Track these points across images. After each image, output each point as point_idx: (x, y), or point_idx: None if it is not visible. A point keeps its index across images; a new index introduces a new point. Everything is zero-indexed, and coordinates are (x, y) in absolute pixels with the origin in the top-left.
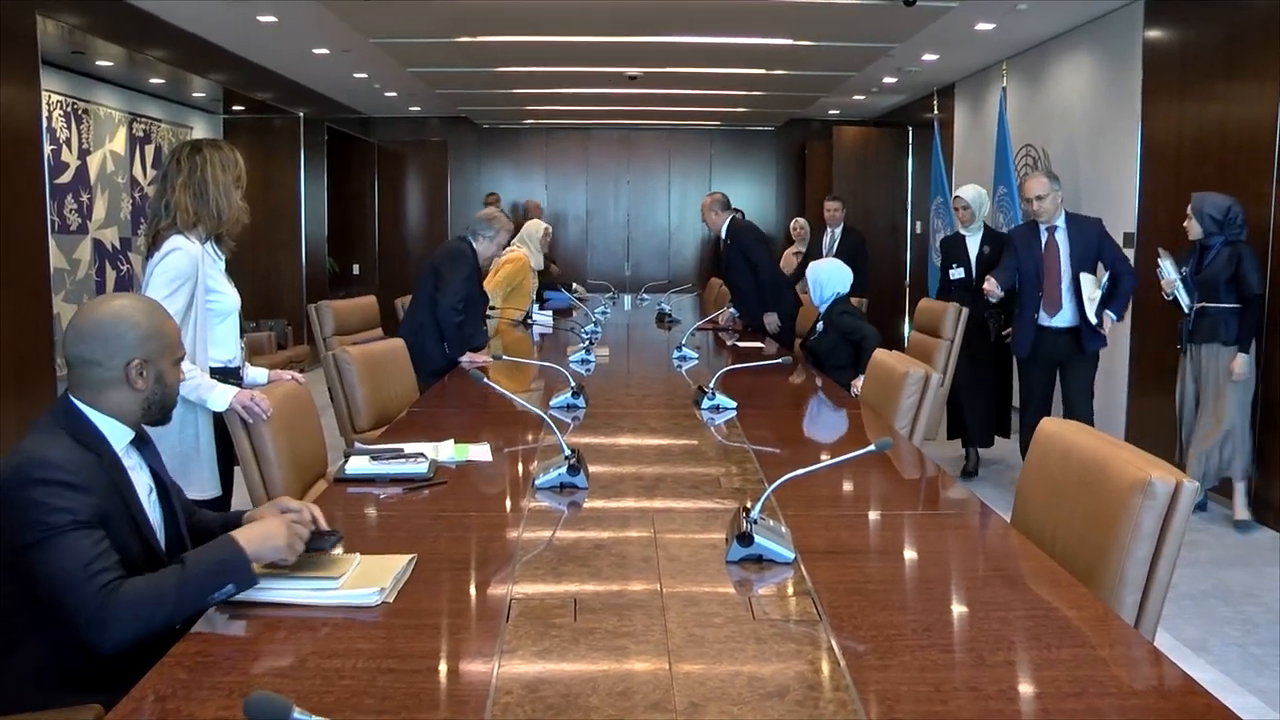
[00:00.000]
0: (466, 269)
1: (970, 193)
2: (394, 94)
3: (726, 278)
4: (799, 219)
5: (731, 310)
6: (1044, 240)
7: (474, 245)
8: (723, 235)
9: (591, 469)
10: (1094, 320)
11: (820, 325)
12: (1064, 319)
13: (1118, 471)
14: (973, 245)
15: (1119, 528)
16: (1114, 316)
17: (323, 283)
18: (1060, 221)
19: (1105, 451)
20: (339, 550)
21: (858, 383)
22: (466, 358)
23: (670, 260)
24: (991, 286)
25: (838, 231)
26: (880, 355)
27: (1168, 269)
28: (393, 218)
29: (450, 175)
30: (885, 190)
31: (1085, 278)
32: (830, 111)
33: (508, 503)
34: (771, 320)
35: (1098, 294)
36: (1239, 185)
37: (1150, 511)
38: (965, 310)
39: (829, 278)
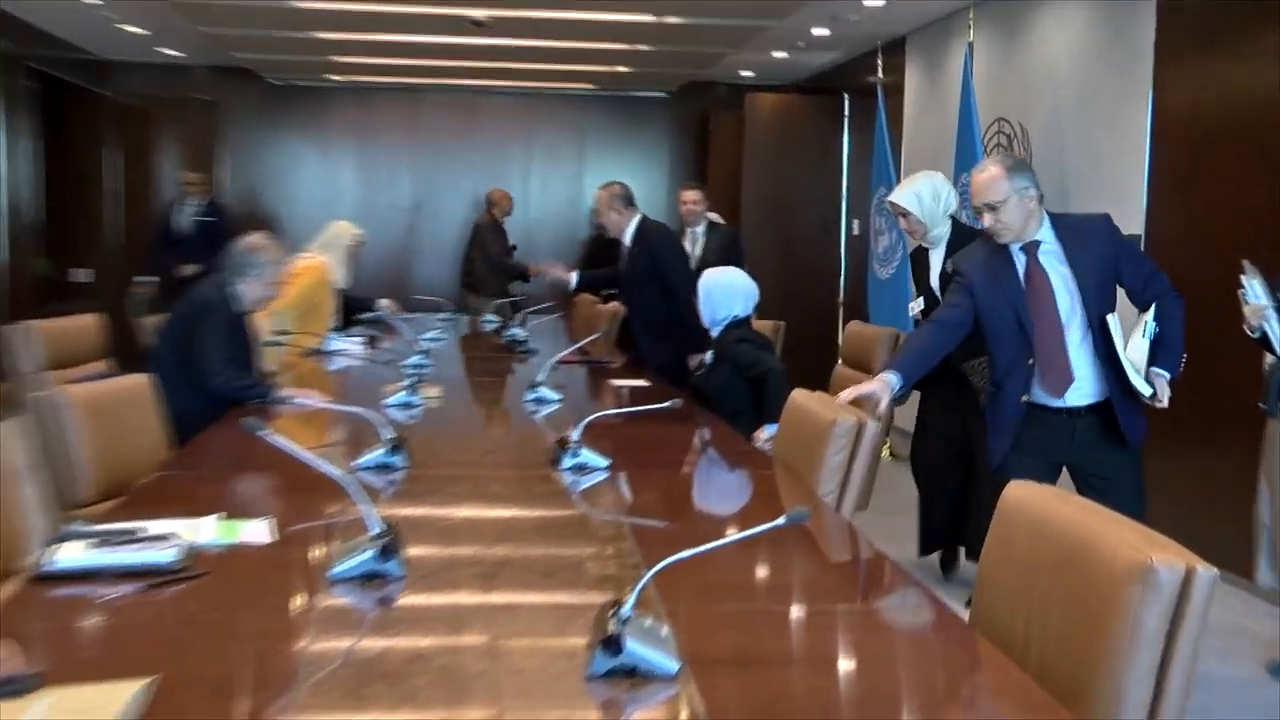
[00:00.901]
0: (221, 330)
1: (908, 197)
2: (140, 30)
3: (625, 296)
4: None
5: (573, 274)
6: (1022, 269)
7: (235, 289)
8: (626, 241)
9: (411, 551)
10: (1144, 389)
11: (710, 356)
12: (1082, 394)
13: (1108, 553)
14: (935, 262)
15: (1112, 630)
16: (1166, 374)
17: (28, 293)
18: (1044, 234)
19: (1091, 526)
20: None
21: (763, 434)
22: (296, 395)
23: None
24: (875, 388)
25: (699, 230)
26: (800, 398)
27: (1257, 291)
28: (138, 203)
29: (224, 148)
30: (812, 177)
31: (1114, 321)
32: (742, 73)
33: (293, 600)
34: (695, 360)
35: (1145, 344)
36: None
37: (1153, 607)
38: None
39: (723, 293)
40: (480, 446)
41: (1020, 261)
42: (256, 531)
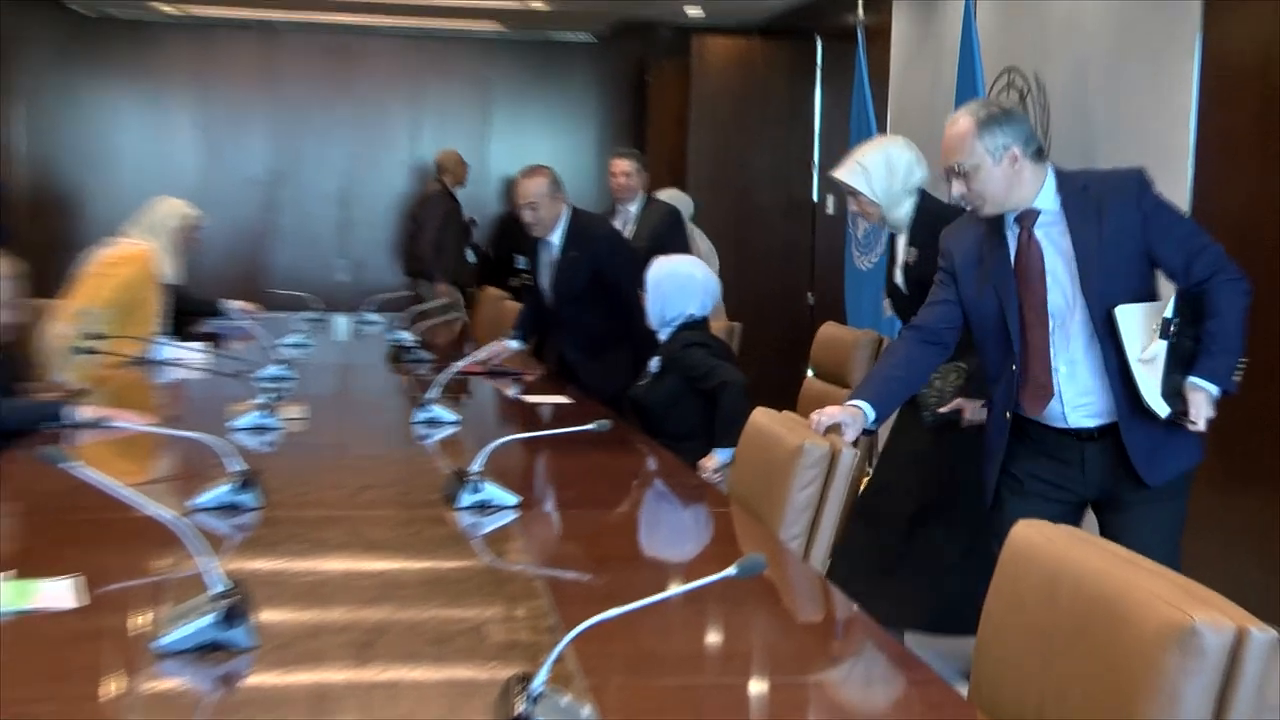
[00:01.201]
0: None
1: (853, 172)
2: None
3: (561, 306)
4: (663, 194)
5: (513, 342)
6: (1013, 246)
7: None
8: (555, 240)
9: (263, 616)
10: (1160, 408)
11: (655, 364)
12: (1089, 411)
13: (1138, 610)
14: (900, 252)
15: (1145, 706)
16: (1213, 388)
17: None
18: (1046, 200)
19: (1117, 577)
20: None
21: (713, 462)
22: (108, 416)
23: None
24: (842, 417)
25: (632, 209)
26: (761, 419)
27: None
28: None
29: (12, 99)
30: (776, 144)
31: (1128, 314)
32: (688, 10)
33: (106, 683)
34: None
35: (1160, 348)
36: None
37: (1195, 678)
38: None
39: (678, 288)
40: (355, 480)
41: (1011, 238)
42: (57, 594)
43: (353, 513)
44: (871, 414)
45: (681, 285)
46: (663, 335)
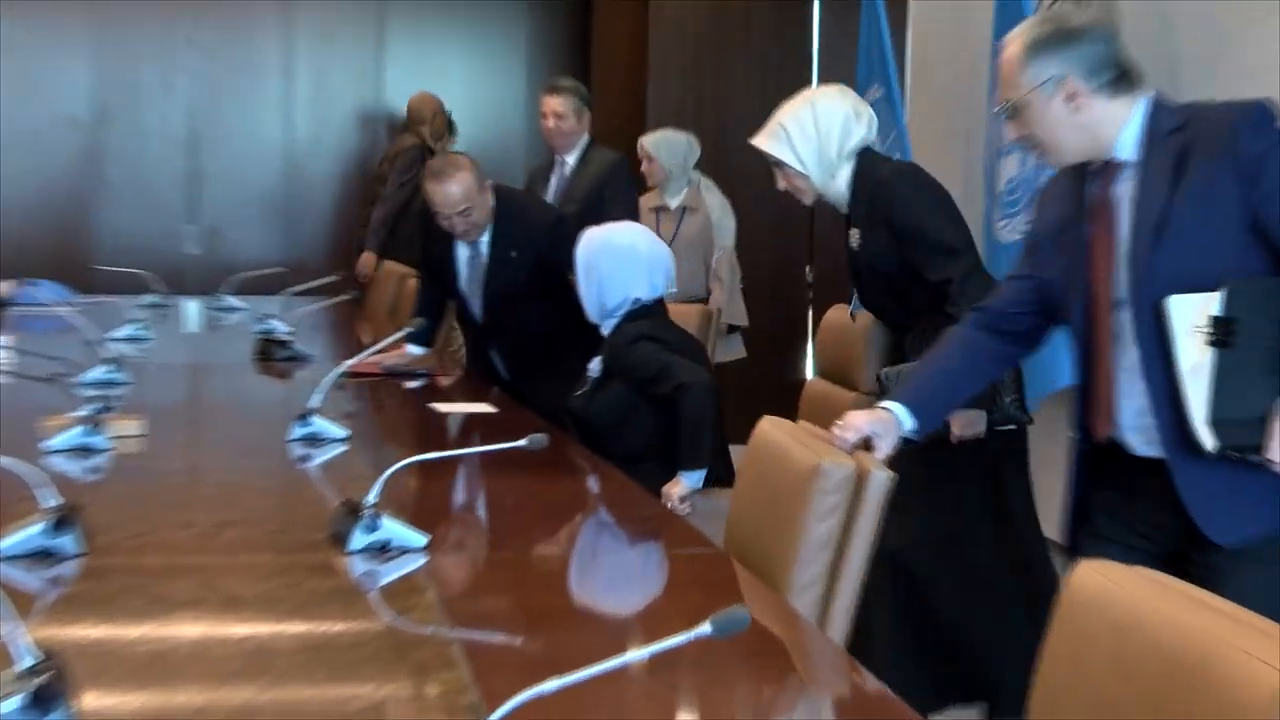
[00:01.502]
0: None
1: (774, 138)
2: None
3: (495, 315)
4: (650, 138)
5: (413, 347)
6: (1090, 202)
7: None
8: (483, 240)
9: (88, 699)
10: (1206, 439)
11: (596, 366)
12: (1146, 439)
13: (1234, 673)
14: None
15: None
16: None
17: None
18: (1128, 146)
19: (1207, 631)
20: None
21: (678, 489)
22: None
23: (291, 220)
24: (871, 426)
25: (570, 161)
26: (768, 431)
27: None
28: None
29: None
30: (758, 79)
31: (1182, 307)
32: None
33: None
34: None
35: (1206, 356)
36: None
37: None
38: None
39: (612, 266)
40: (211, 517)
41: (1091, 192)
42: None
43: (208, 560)
44: (909, 421)
45: (621, 262)
46: (606, 329)
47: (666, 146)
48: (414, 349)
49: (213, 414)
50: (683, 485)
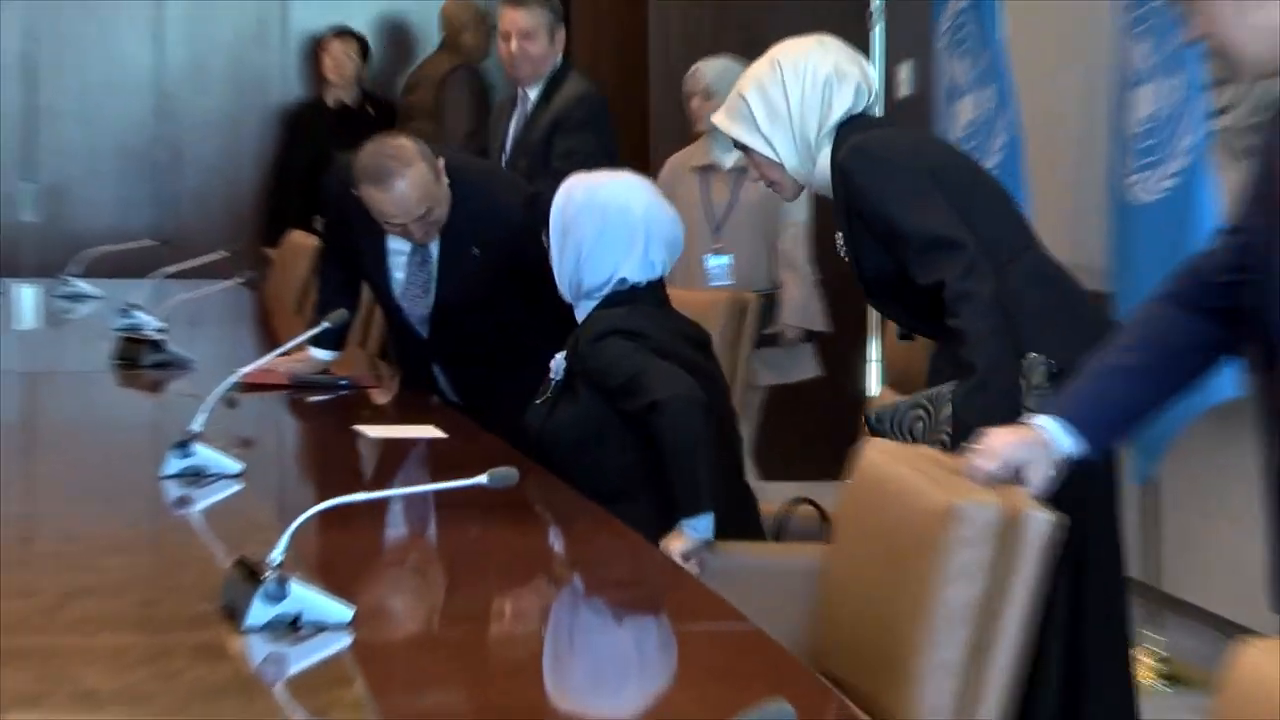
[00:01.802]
0: None
1: (734, 116)
2: None
3: (444, 328)
4: (710, 65)
5: (320, 352)
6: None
7: None
8: (433, 244)
9: None
10: None
11: (558, 365)
12: None
13: None
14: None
15: None
16: None
17: None
18: None
19: None
20: None
21: (678, 544)
22: None
23: (163, 176)
24: (1023, 450)
25: (534, 93)
26: (876, 460)
27: None
28: None
29: None
30: None
31: None
32: None
33: None
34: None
35: None
36: None
37: None
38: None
39: (595, 231)
40: (57, 583)
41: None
42: None
43: (53, 641)
44: (1069, 441)
45: (608, 227)
46: (579, 313)
47: (732, 80)
48: (320, 353)
49: (57, 442)
50: (686, 538)
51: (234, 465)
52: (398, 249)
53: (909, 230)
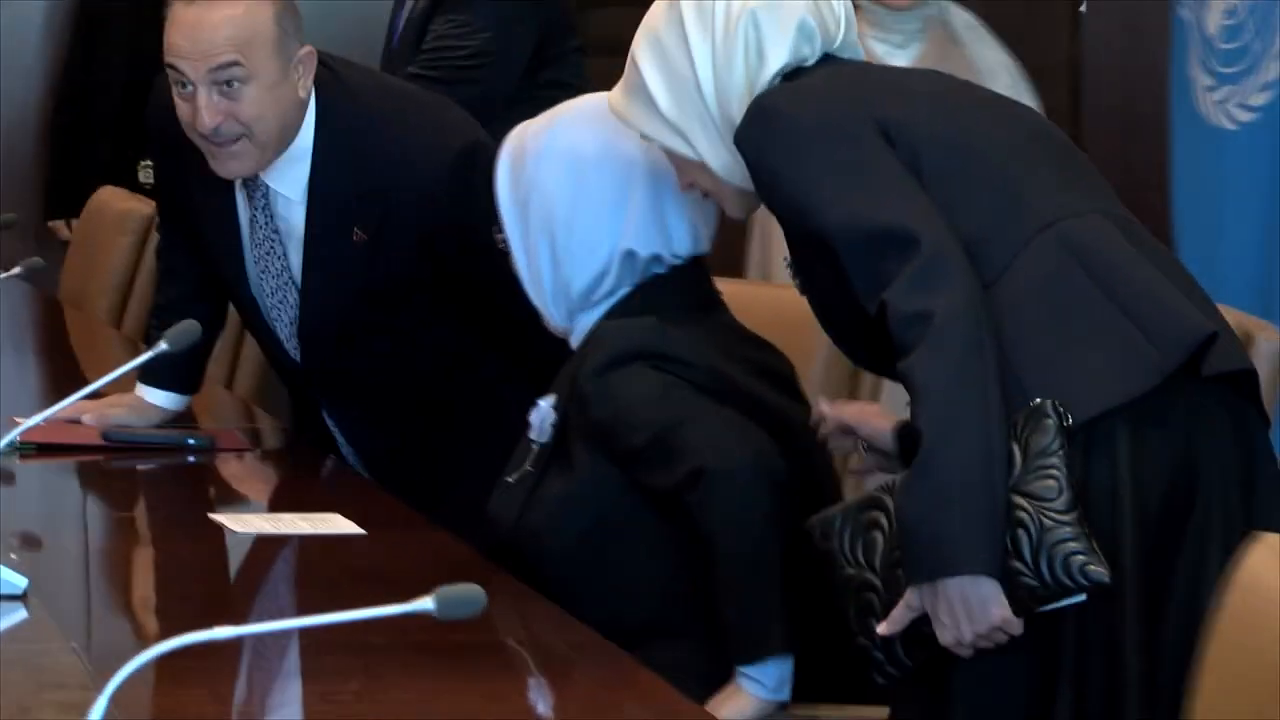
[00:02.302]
0: None
1: (634, 103)
2: None
3: (327, 343)
4: None
5: (156, 394)
6: None
7: None
8: (287, 188)
9: None
10: None
11: (542, 415)
12: None
13: None
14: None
15: None
16: None
17: None
18: None
19: None
20: None
21: (731, 706)
22: None
23: None
24: None
25: None
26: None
27: None
28: None
29: None
30: None
31: None
32: None
33: None
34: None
35: None
36: None
37: None
38: None
39: (565, 193)
40: None
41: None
42: None
43: None
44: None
45: (582, 184)
46: (576, 334)
47: None
48: (157, 395)
49: None
50: (746, 697)
51: (13, 580)
52: (243, 216)
53: (831, 226)
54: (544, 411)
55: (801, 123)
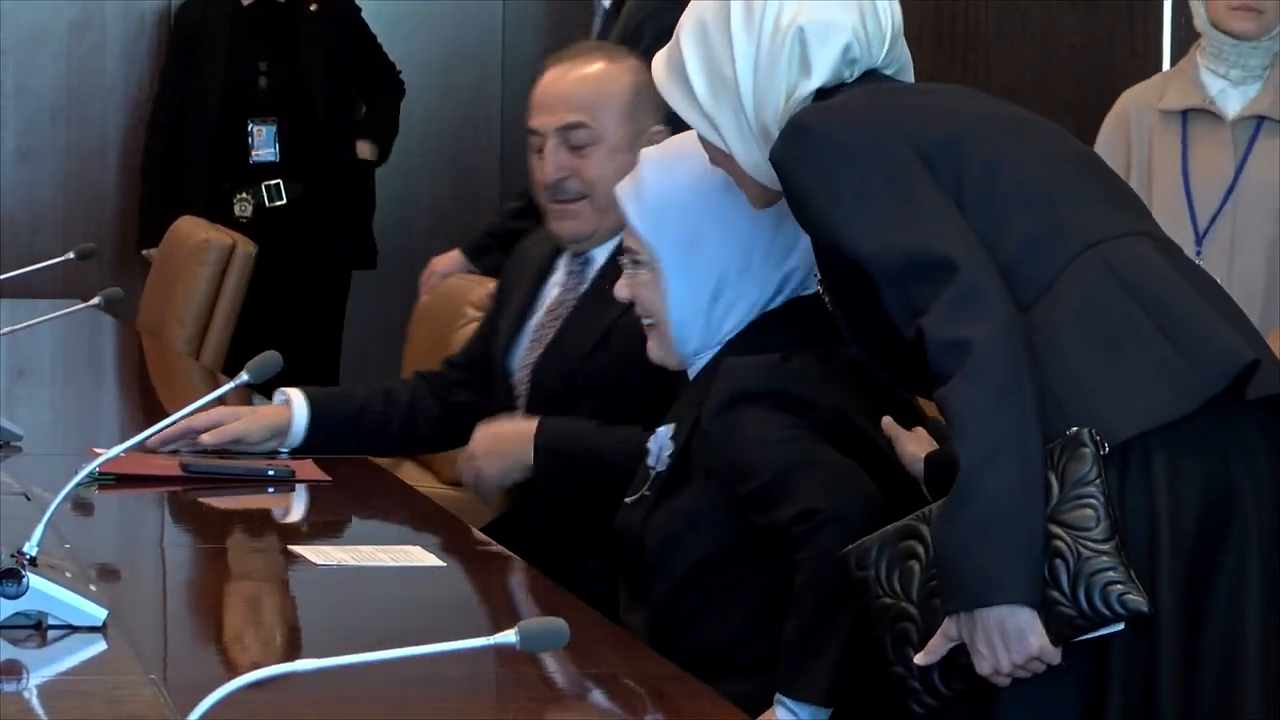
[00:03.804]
0: None
1: (670, 86)
2: None
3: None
4: None
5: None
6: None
7: None
8: (599, 254)
9: None
10: None
11: (659, 444)
12: None
13: None
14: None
15: None
16: None
17: None
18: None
19: None
20: None
21: None
22: None
23: None
24: None
25: None
26: None
27: None
28: None
29: None
30: None
31: None
32: None
33: None
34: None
35: None
36: None
37: None
38: None
39: (759, 238)
40: None
41: None
42: None
43: None
44: None
45: (774, 224)
46: (694, 369)
47: None
48: (300, 404)
49: None
50: None
51: (93, 611)
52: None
53: (867, 250)
54: (662, 440)
55: (839, 144)
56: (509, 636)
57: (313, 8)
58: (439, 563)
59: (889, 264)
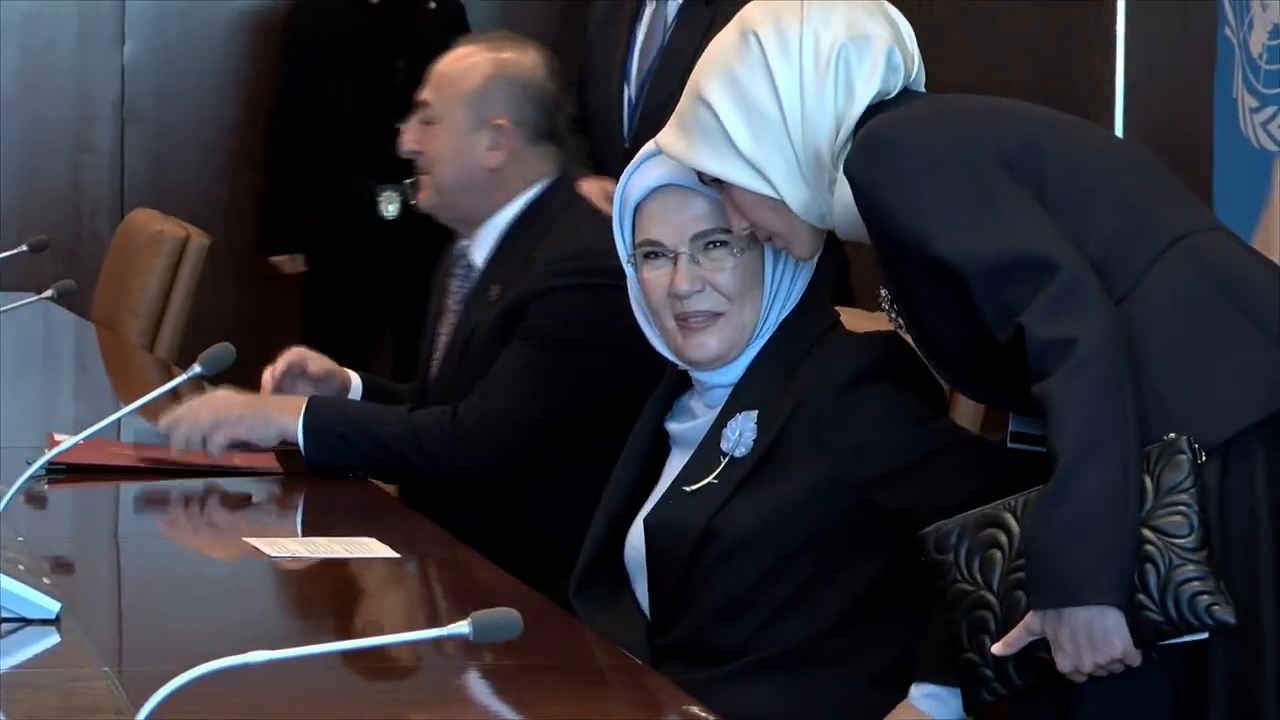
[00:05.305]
0: None
1: (695, 138)
2: None
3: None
4: None
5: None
6: None
7: None
8: (477, 254)
9: None
10: None
11: (739, 435)
12: None
13: None
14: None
15: None
16: None
17: None
18: None
19: None
20: None
21: None
22: None
23: None
24: None
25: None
26: None
27: None
28: None
29: None
30: None
31: None
32: None
33: None
34: None
35: None
36: None
37: None
38: None
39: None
40: None
41: None
42: None
43: None
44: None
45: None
46: (753, 346)
47: None
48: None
49: None
50: (917, 715)
51: (46, 604)
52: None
53: (959, 254)
54: (742, 424)
55: (919, 152)
56: (462, 627)
57: (432, 5)
58: (393, 554)
59: (984, 266)
